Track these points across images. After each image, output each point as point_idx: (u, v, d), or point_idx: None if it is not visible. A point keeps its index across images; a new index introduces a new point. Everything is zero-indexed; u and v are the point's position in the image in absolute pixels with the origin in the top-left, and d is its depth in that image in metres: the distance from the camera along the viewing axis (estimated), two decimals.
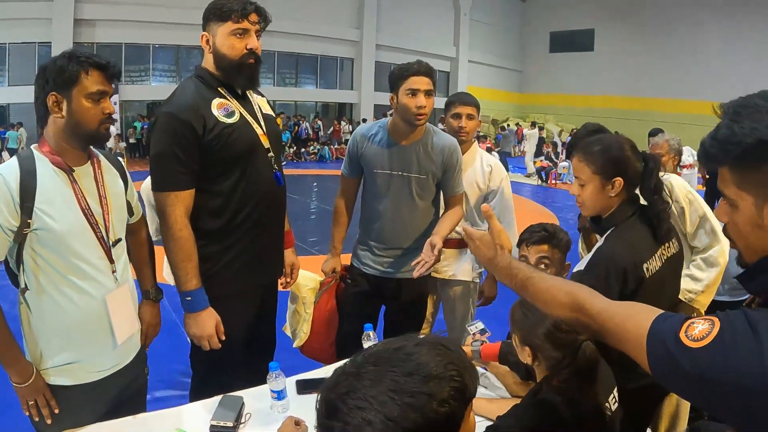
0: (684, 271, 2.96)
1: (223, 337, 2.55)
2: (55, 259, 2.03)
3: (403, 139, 3.08)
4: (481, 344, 2.50)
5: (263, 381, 2.38)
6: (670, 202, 2.31)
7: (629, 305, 1.31)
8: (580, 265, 2.23)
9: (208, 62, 2.56)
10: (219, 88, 2.55)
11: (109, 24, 21.21)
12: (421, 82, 2.94)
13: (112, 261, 2.19)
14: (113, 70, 2.09)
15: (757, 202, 1.11)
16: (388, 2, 29.11)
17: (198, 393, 2.58)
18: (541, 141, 23.56)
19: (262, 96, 2.85)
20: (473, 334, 2.78)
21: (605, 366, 1.93)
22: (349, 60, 29.16)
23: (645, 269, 2.12)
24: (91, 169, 2.16)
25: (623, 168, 2.18)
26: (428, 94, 2.96)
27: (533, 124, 24.96)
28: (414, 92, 2.92)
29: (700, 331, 1.05)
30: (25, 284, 2.05)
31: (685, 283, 3.10)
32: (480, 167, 3.58)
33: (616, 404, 1.93)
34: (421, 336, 1.13)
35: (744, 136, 1.06)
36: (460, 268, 3.64)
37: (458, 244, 3.56)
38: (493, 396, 2.49)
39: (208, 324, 2.49)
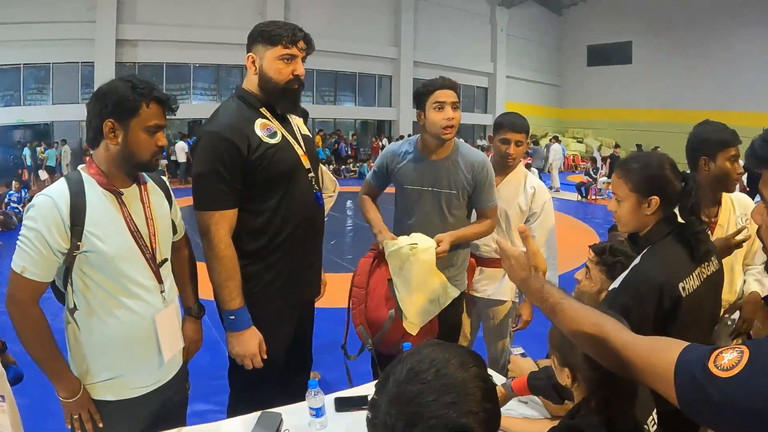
0: (751, 277, 3.07)
1: (266, 356, 2.55)
2: (105, 280, 2.06)
3: (433, 154, 3.11)
4: (512, 380, 2.47)
5: (300, 398, 2.39)
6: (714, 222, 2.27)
7: (655, 339, 1.30)
8: (615, 284, 2.19)
9: (251, 83, 2.59)
10: (260, 109, 2.58)
11: (150, 44, 21.82)
12: (447, 95, 2.98)
13: (160, 281, 2.22)
14: (172, 105, 2.14)
15: None
16: (425, 19, 29.31)
17: (235, 409, 2.58)
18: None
19: (300, 116, 2.87)
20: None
21: (644, 387, 1.89)
22: (387, 77, 29.34)
23: (681, 288, 2.07)
24: (138, 192, 2.19)
25: (660, 187, 2.15)
26: (455, 106, 2.99)
27: (555, 138, 24.74)
28: (441, 105, 2.97)
29: (729, 360, 1.03)
30: (74, 304, 2.07)
31: (756, 286, 3.08)
32: (523, 189, 3.56)
33: (656, 426, 1.89)
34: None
35: None
36: (500, 288, 3.61)
37: (500, 263, 3.54)
38: (536, 415, 2.46)
39: (251, 343, 2.50)
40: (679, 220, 2.23)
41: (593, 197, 18.50)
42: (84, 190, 2.02)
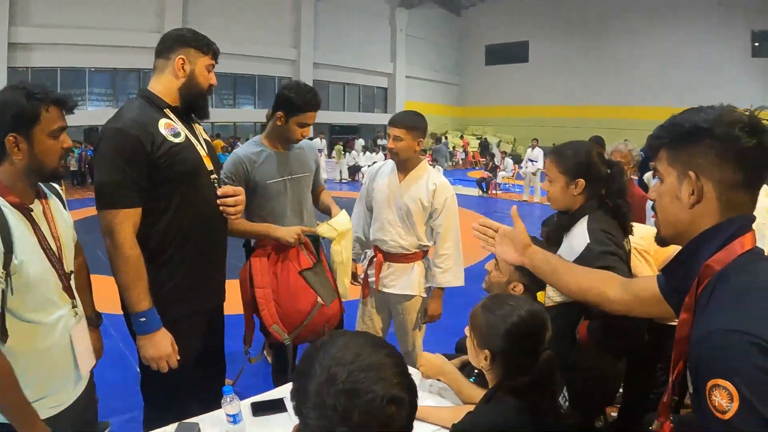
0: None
1: (179, 357, 2.50)
2: (25, 303, 1.93)
3: (281, 147, 3.42)
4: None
5: (216, 406, 2.37)
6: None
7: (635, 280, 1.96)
8: (567, 251, 2.40)
9: (162, 85, 2.60)
10: (165, 110, 2.57)
11: (44, 48, 20.69)
12: (311, 118, 3.36)
13: (72, 297, 2.15)
14: (71, 104, 2.06)
15: (679, 177, 1.45)
16: (324, 20, 29.29)
17: (152, 422, 2.50)
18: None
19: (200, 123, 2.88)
20: None
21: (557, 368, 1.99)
22: (287, 79, 28.97)
23: (624, 246, 2.43)
24: (41, 206, 2.08)
25: (587, 171, 2.47)
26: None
27: (438, 140, 25.51)
28: (304, 125, 3.36)
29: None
30: None
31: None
32: (425, 185, 3.64)
33: (567, 402, 2.00)
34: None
35: (683, 122, 1.43)
36: (409, 282, 3.69)
37: (407, 258, 3.68)
38: (450, 404, 2.51)
39: (164, 343, 2.45)
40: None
41: (494, 192, 19.03)
42: (2, 212, 1.89)
